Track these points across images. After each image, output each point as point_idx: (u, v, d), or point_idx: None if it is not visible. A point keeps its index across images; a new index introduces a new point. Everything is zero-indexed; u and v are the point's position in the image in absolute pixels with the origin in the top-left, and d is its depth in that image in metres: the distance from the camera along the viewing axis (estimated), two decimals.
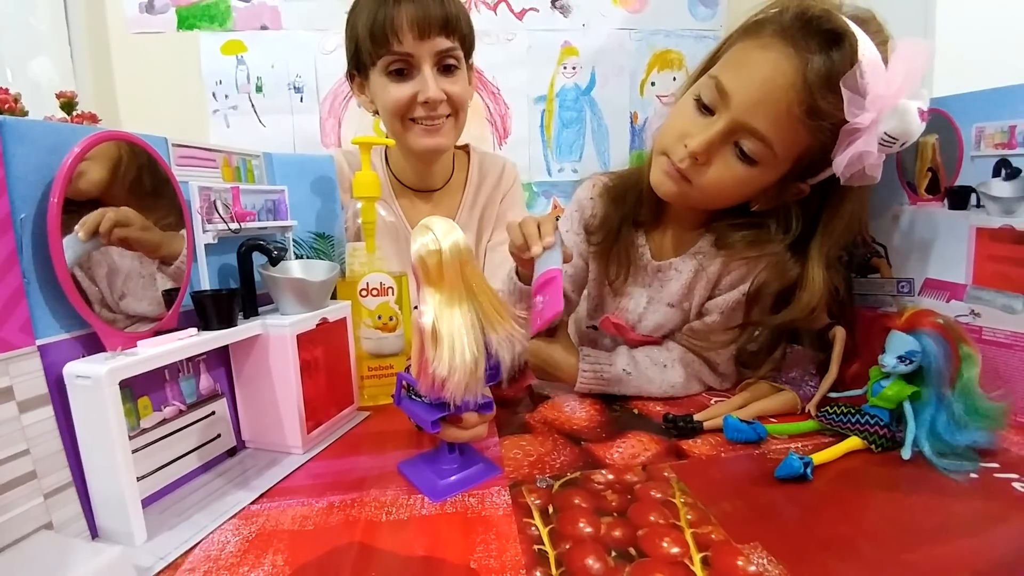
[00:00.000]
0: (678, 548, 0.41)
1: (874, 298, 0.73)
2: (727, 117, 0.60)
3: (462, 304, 0.44)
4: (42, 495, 0.39)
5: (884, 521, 0.44)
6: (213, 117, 1.36)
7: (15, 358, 0.39)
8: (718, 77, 0.60)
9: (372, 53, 0.84)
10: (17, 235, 0.39)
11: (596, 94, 1.47)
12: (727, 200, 0.67)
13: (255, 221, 0.58)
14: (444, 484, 0.49)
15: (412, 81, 0.85)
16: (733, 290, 0.71)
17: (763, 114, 0.58)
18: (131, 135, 0.46)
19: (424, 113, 0.87)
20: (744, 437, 0.58)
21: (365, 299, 0.68)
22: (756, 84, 0.58)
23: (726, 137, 0.61)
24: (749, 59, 0.60)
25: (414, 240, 0.44)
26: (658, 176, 0.67)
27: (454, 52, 0.87)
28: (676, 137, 0.64)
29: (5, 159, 0.38)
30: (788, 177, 0.64)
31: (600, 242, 0.76)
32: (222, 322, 0.51)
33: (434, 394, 0.46)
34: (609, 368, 0.71)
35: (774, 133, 0.58)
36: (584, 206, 0.79)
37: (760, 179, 0.63)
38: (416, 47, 0.83)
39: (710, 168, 0.62)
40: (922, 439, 0.53)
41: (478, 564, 0.40)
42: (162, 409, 0.49)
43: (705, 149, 0.61)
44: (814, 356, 0.69)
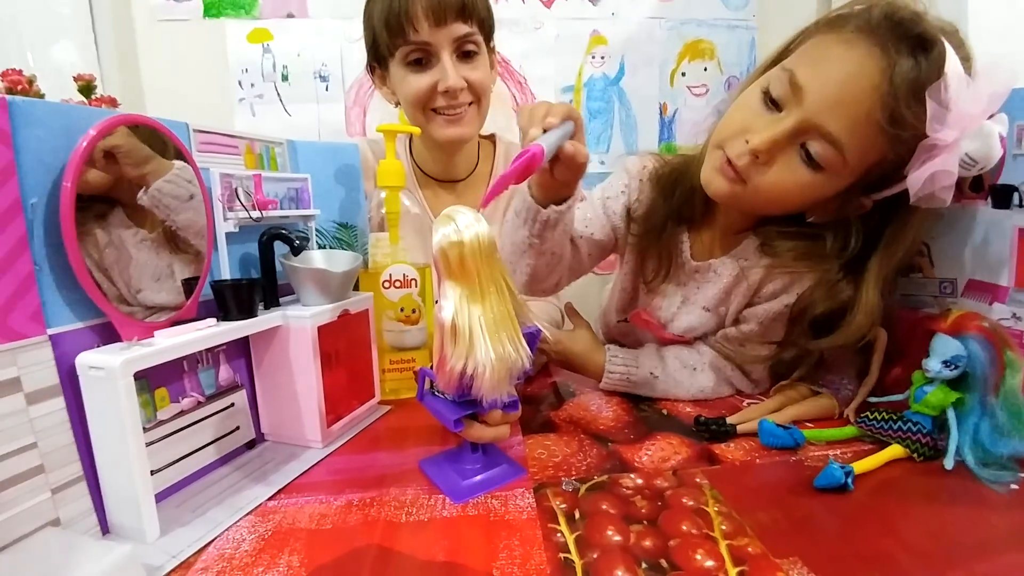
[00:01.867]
0: (712, 561, 0.39)
1: (916, 298, 0.69)
2: (798, 115, 0.54)
3: (485, 300, 0.42)
4: (49, 490, 0.38)
5: (926, 535, 0.42)
6: (239, 106, 1.35)
7: (23, 348, 0.37)
8: (793, 70, 0.55)
9: (389, 44, 0.82)
10: (28, 220, 0.38)
11: (625, 84, 1.43)
12: (783, 207, 0.62)
13: (277, 210, 0.57)
14: (466, 485, 0.48)
15: (431, 70, 0.83)
16: (774, 300, 0.66)
17: (839, 115, 0.52)
18: (150, 119, 0.45)
19: (445, 103, 0.85)
20: (780, 443, 0.55)
21: (388, 291, 0.66)
22: (836, 81, 0.52)
23: (794, 137, 0.55)
24: (829, 54, 0.54)
25: (435, 231, 0.42)
26: (709, 173, 0.62)
27: (473, 37, 0.84)
28: (736, 131, 0.58)
29: (15, 142, 0.37)
30: (854, 189, 0.58)
31: (641, 235, 0.72)
32: (242, 312, 0.50)
33: (453, 391, 0.44)
34: (636, 370, 0.68)
35: (848, 138, 0.53)
36: (633, 186, 0.73)
37: (823, 188, 0.57)
38: (433, 35, 0.80)
39: (770, 169, 0.57)
40: (965, 448, 0.50)
41: (501, 572, 0.38)
42: (180, 400, 0.48)
43: (769, 147, 0.55)
44: (853, 359, 0.65)
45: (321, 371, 0.55)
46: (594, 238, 0.73)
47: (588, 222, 0.73)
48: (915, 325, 0.65)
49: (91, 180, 0.41)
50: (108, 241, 0.44)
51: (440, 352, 0.42)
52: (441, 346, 0.42)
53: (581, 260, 0.73)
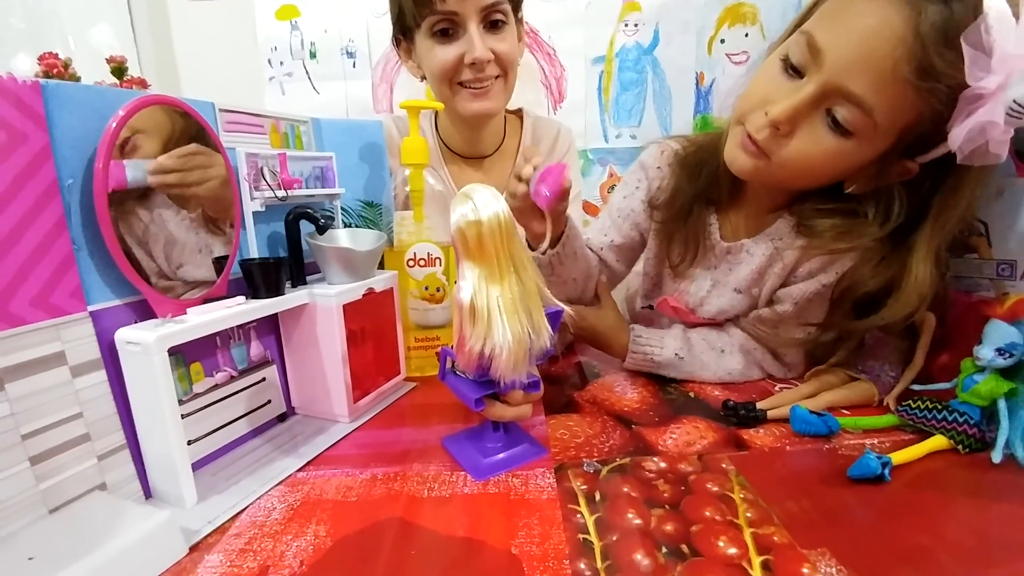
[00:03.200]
0: (736, 549, 0.38)
1: (969, 280, 0.65)
2: (819, 79, 0.51)
3: (503, 280, 0.42)
4: (95, 457, 0.41)
5: (967, 531, 0.40)
6: (269, 85, 1.36)
7: (67, 323, 0.39)
8: (810, 32, 0.52)
9: (416, 14, 0.81)
10: (65, 201, 0.39)
11: (659, 53, 1.37)
12: (814, 179, 0.58)
13: (302, 188, 0.57)
14: (488, 463, 0.48)
15: (458, 42, 0.81)
16: (811, 280, 0.63)
17: (863, 74, 0.49)
18: (176, 99, 0.46)
19: (472, 75, 0.83)
20: (813, 430, 0.53)
21: (412, 269, 0.67)
22: (856, 38, 0.49)
23: (816, 103, 0.52)
24: (849, 10, 0.50)
25: (453, 209, 0.41)
26: (731, 150, 0.59)
27: (500, 6, 0.82)
28: (756, 104, 0.56)
29: (49, 124, 0.38)
30: (891, 153, 0.54)
31: (665, 220, 0.70)
32: (270, 291, 0.51)
33: (472, 371, 0.44)
34: (660, 351, 0.67)
35: (875, 98, 0.49)
36: (651, 176, 0.72)
37: (855, 154, 0.53)
38: (460, 4, 0.78)
39: (793, 140, 0.54)
40: (1016, 441, 0.48)
41: (519, 550, 0.38)
42: (214, 375, 0.50)
43: (789, 117, 0.52)
44: (897, 344, 0.62)
45: (347, 348, 0.56)
46: (616, 244, 0.74)
47: (607, 231, 0.74)
48: (968, 309, 0.61)
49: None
50: (150, 219, 0.45)
51: (459, 332, 0.42)
52: (460, 326, 0.42)
53: (612, 268, 0.75)
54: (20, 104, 0.37)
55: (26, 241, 0.38)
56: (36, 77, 0.41)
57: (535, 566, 0.37)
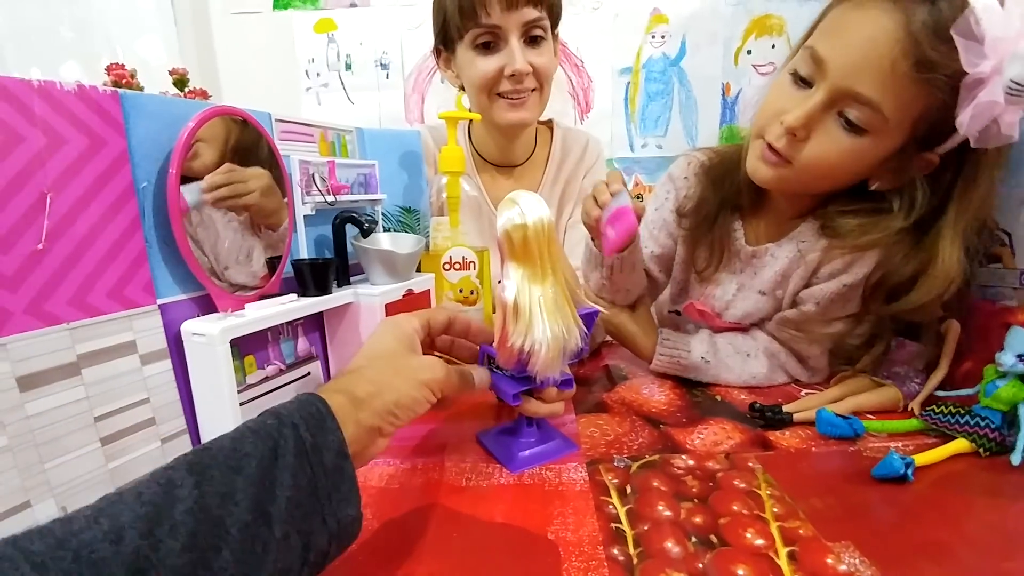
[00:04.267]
0: (762, 540, 0.39)
1: (994, 290, 0.65)
2: (826, 85, 0.55)
3: (545, 280, 0.44)
4: (159, 440, 0.44)
5: (986, 528, 0.41)
6: (306, 95, 1.42)
7: (139, 315, 0.43)
8: (813, 46, 0.56)
9: (460, 27, 0.84)
10: (140, 203, 0.43)
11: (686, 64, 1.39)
12: (835, 180, 0.61)
13: (349, 194, 0.61)
14: (522, 456, 0.50)
15: (499, 54, 0.85)
16: (833, 280, 0.64)
17: (866, 76, 0.53)
18: (242, 111, 0.49)
19: (511, 87, 0.86)
20: (839, 432, 0.54)
21: (448, 272, 0.69)
22: (855, 45, 0.53)
23: (827, 107, 0.56)
24: (846, 22, 0.55)
25: (500, 214, 0.44)
26: (752, 163, 0.63)
27: (541, 22, 0.85)
28: (772, 116, 0.60)
29: (127, 131, 0.42)
30: (908, 147, 0.57)
31: (692, 227, 0.73)
32: (319, 289, 0.54)
33: (512, 367, 0.46)
34: (687, 355, 0.69)
35: (881, 95, 0.53)
36: (678, 185, 0.76)
37: (872, 151, 0.56)
38: (504, 18, 0.82)
39: (810, 143, 0.57)
40: None
41: (556, 536, 0.40)
42: (265, 367, 0.53)
43: (804, 122, 0.56)
44: (922, 351, 0.63)
45: None
46: (656, 254, 0.77)
47: (645, 243, 0.77)
48: (991, 317, 0.62)
49: (195, 167, 0.46)
50: (200, 220, 0.48)
51: (501, 330, 0.44)
52: (502, 324, 0.44)
53: (655, 278, 0.78)
54: (102, 112, 0.41)
55: (104, 238, 0.41)
56: (105, 86, 0.45)
57: (571, 551, 0.39)
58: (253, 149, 0.51)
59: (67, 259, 0.39)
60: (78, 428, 0.39)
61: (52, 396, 0.38)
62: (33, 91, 0.37)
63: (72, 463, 0.39)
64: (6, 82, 0.36)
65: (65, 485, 0.38)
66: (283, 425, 0.31)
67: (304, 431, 0.32)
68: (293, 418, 0.32)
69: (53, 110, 0.38)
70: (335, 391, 0.36)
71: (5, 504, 0.35)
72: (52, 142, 0.38)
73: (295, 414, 0.32)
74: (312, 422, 0.32)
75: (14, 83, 0.36)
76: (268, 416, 0.32)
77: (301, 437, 0.31)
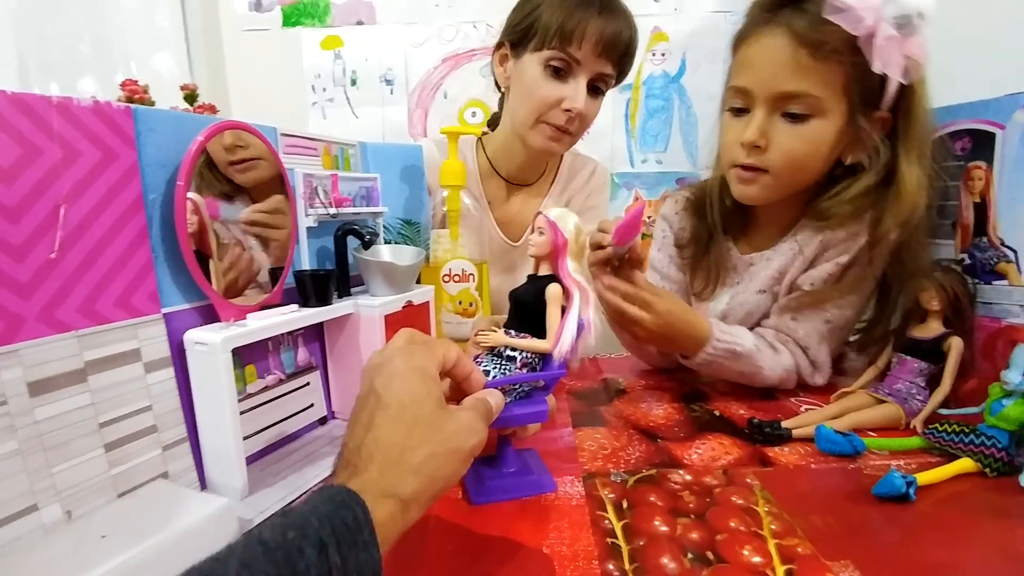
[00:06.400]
0: (760, 558, 0.39)
1: (999, 307, 0.65)
2: (759, 101, 0.65)
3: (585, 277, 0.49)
4: (161, 447, 0.44)
5: (992, 550, 0.40)
6: (312, 109, 1.44)
7: (143, 323, 0.43)
8: (734, 84, 0.67)
9: (546, 41, 0.83)
10: (148, 214, 0.44)
11: (686, 81, 1.41)
12: (812, 168, 0.67)
13: (351, 207, 0.61)
14: (489, 487, 0.48)
15: (565, 85, 0.85)
16: (828, 262, 0.70)
17: (782, 77, 0.63)
18: (248, 125, 0.50)
19: (561, 120, 0.86)
20: (838, 449, 0.54)
21: (447, 285, 0.70)
22: (763, 64, 0.64)
23: (769, 113, 0.65)
24: (748, 56, 0.66)
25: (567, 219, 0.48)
26: (737, 188, 0.70)
27: (609, 79, 0.88)
28: (731, 145, 0.68)
29: (138, 144, 0.43)
30: (855, 115, 0.63)
31: (692, 256, 0.80)
32: (320, 300, 0.54)
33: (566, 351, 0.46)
34: (741, 343, 0.67)
35: (803, 83, 0.62)
36: (671, 222, 0.84)
37: (826, 130, 0.64)
38: (587, 58, 0.83)
39: (772, 147, 0.65)
40: None
41: (551, 550, 0.40)
42: (265, 377, 0.53)
43: (758, 133, 0.65)
44: (925, 368, 0.63)
45: None
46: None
47: (661, 281, 0.84)
48: (996, 335, 0.62)
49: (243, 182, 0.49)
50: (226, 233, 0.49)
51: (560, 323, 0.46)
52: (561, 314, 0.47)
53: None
54: (115, 126, 0.42)
55: (114, 248, 0.42)
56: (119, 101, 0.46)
57: (566, 565, 0.39)
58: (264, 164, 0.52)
59: (78, 268, 0.40)
60: (83, 434, 0.40)
61: (60, 402, 0.38)
62: (51, 107, 0.38)
63: (77, 468, 0.39)
64: (27, 98, 0.37)
65: (71, 489, 0.39)
66: (306, 541, 0.26)
67: (333, 552, 0.26)
68: (322, 531, 0.26)
69: (70, 125, 0.39)
70: (381, 493, 0.30)
71: (14, 507, 0.36)
72: (67, 155, 0.39)
73: (325, 524, 0.26)
74: (345, 537, 0.27)
75: (34, 99, 0.37)
76: (289, 526, 0.26)
77: (329, 561, 0.26)
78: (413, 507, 0.31)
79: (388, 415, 0.33)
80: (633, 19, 0.87)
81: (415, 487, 0.31)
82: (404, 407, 0.34)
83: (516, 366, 0.47)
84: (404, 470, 0.31)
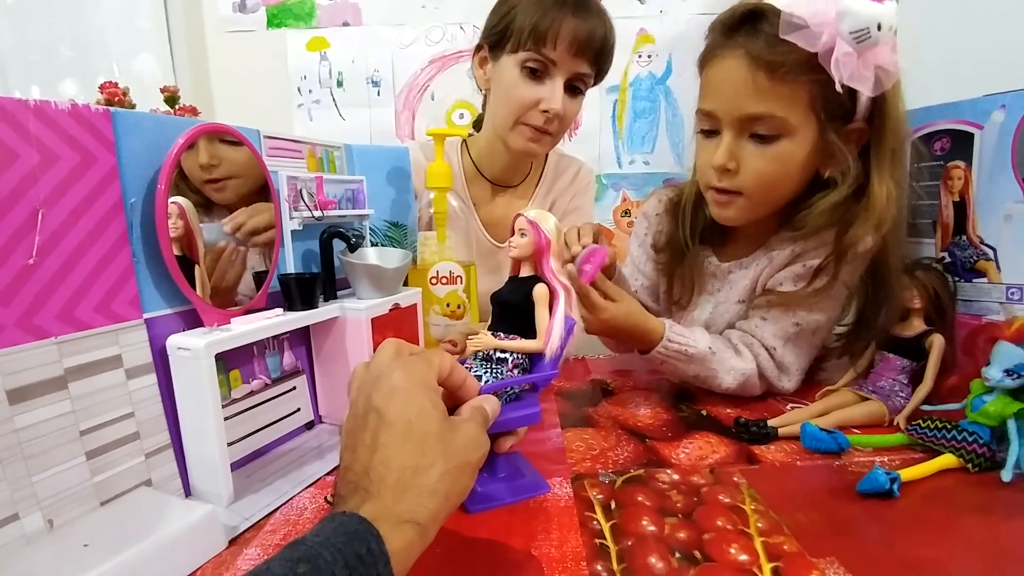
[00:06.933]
0: (746, 556, 0.40)
1: (979, 305, 0.66)
2: (725, 124, 0.65)
3: None
4: (144, 454, 0.44)
5: (975, 546, 0.41)
6: (297, 111, 1.43)
7: (124, 329, 0.43)
8: (700, 108, 0.68)
9: (521, 43, 0.84)
10: (128, 218, 0.43)
11: (672, 83, 1.42)
12: (786, 186, 0.67)
13: (336, 209, 0.61)
14: (482, 493, 0.47)
15: (542, 86, 0.85)
16: (796, 264, 0.70)
17: (744, 99, 0.62)
18: (230, 127, 0.50)
19: (540, 121, 0.87)
20: (823, 446, 0.55)
21: (435, 287, 0.70)
22: (725, 88, 0.64)
23: (737, 135, 0.64)
24: (710, 79, 0.67)
25: (547, 219, 0.49)
26: (715, 211, 0.71)
27: (587, 78, 0.88)
28: (704, 168, 0.69)
29: (118, 148, 0.43)
30: (825, 130, 0.63)
31: (667, 262, 0.79)
32: (305, 304, 0.54)
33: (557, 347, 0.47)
34: (694, 344, 0.68)
35: (765, 105, 0.61)
36: (651, 221, 0.83)
37: (797, 149, 0.63)
38: (563, 58, 0.83)
39: (743, 169, 0.65)
40: None
41: (539, 552, 0.40)
42: (250, 382, 0.53)
43: (727, 156, 0.65)
44: (907, 365, 0.64)
45: None
46: (645, 286, 0.84)
47: (635, 276, 0.84)
48: (976, 333, 0.63)
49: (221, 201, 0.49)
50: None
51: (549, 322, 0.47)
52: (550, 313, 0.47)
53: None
54: (93, 130, 0.42)
55: (93, 253, 0.41)
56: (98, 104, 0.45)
57: (554, 567, 0.39)
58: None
59: (56, 273, 0.39)
60: (64, 442, 0.39)
61: (40, 409, 0.38)
62: (28, 110, 0.38)
63: (58, 476, 0.39)
64: (3, 102, 0.36)
65: (52, 498, 0.38)
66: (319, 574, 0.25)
67: None
68: (335, 566, 0.25)
69: (47, 128, 0.39)
70: (398, 519, 0.29)
71: None
72: (45, 159, 0.39)
73: (338, 558, 0.25)
74: (358, 570, 0.26)
75: (11, 103, 0.37)
76: (301, 559, 0.25)
77: None
78: (432, 528, 0.31)
79: (394, 434, 0.32)
80: (609, 17, 0.86)
81: (432, 508, 0.30)
82: (411, 424, 0.32)
83: (507, 368, 0.47)
84: (420, 492, 0.30)
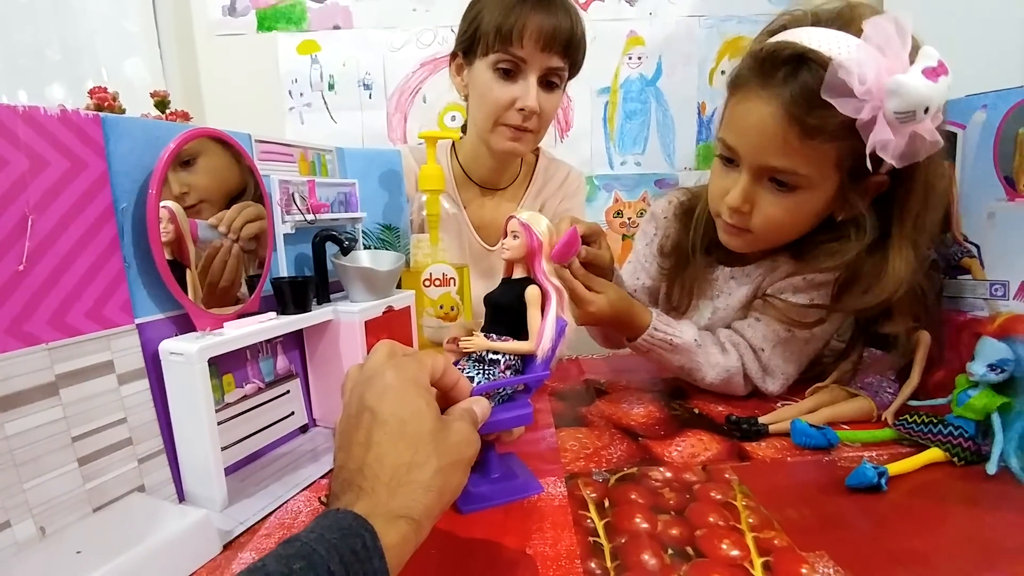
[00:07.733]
0: (738, 551, 0.40)
1: (964, 301, 0.68)
2: (745, 166, 0.62)
3: None
4: (136, 460, 0.44)
5: (962, 538, 0.42)
6: (289, 114, 1.43)
7: (116, 335, 0.43)
8: (723, 137, 0.64)
9: (489, 45, 0.84)
10: (119, 223, 0.43)
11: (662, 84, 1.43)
12: (795, 230, 0.66)
13: (328, 213, 0.61)
14: (476, 493, 0.48)
15: (514, 85, 0.86)
16: (797, 276, 0.69)
17: (769, 152, 0.59)
18: (221, 132, 0.50)
19: (517, 120, 0.87)
20: (813, 442, 0.55)
21: (428, 289, 0.70)
22: (751, 134, 0.60)
23: (754, 181, 0.62)
24: (737, 114, 0.62)
25: (540, 221, 0.49)
26: (723, 237, 0.69)
27: (561, 72, 0.88)
28: (718, 197, 0.66)
29: (108, 153, 0.43)
30: (846, 182, 0.60)
31: (671, 267, 0.78)
32: (298, 307, 0.54)
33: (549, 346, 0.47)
34: (680, 335, 0.68)
35: (790, 162, 0.58)
36: (660, 224, 0.82)
37: (813, 200, 0.62)
38: (533, 55, 0.83)
39: (756, 211, 0.63)
40: (1010, 454, 0.50)
41: (534, 551, 0.41)
42: (244, 386, 0.53)
43: (741, 199, 0.63)
44: (894, 361, 0.65)
45: None
46: (647, 286, 0.83)
47: (637, 274, 0.83)
48: (961, 328, 0.64)
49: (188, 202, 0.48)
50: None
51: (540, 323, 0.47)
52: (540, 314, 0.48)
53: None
54: (83, 135, 0.42)
55: (84, 258, 0.41)
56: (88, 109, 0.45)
57: (549, 565, 0.39)
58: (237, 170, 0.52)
59: (47, 280, 0.39)
60: (56, 448, 0.39)
61: (31, 416, 0.38)
62: (17, 116, 0.38)
63: (50, 483, 0.38)
64: None
65: (44, 505, 0.38)
66: (313, 572, 0.25)
67: None
68: (330, 561, 0.25)
69: (36, 134, 0.39)
70: (392, 515, 0.29)
71: None
72: (35, 165, 0.39)
73: (333, 554, 0.26)
74: (353, 566, 0.26)
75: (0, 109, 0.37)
76: (296, 556, 0.26)
77: None
78: (426, 524, 0.31)
79: (388, 432, 0.32)
80: (574, 9, 0.86)
81: (427, 504, 0.31)
82: (404, 422, 0.33)
83: (500, 369, 0.47)
84: (414, 488, 0.31)
